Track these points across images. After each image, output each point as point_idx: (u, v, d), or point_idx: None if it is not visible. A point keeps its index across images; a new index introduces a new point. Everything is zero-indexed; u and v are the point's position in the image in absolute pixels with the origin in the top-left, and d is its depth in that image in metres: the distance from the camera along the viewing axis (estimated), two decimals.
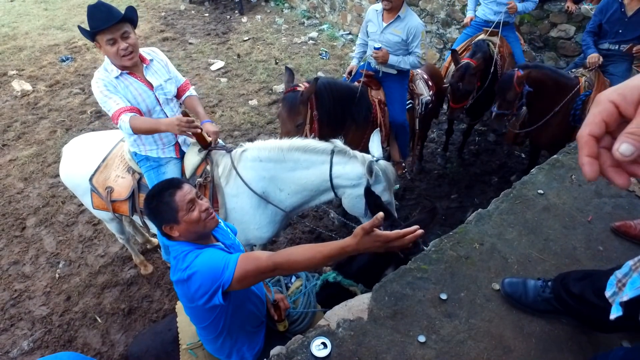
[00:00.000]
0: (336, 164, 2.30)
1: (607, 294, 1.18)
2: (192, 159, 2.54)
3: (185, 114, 2.28)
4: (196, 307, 1.56)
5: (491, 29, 4.06)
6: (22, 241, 3.77)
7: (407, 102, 3.57)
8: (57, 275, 3.46)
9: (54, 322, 3.11)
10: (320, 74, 6.20)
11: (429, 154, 4.79)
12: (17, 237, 3.81)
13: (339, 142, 2.35)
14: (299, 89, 2.87)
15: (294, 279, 2.10)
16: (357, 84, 3.39)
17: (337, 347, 1.58)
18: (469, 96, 3.75)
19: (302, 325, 1.91)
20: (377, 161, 2.30)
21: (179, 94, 2.57)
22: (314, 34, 7.50)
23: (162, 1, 9.22)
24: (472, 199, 4.11)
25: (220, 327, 1.67)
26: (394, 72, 3.39)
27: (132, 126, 2.17)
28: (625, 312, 1.11)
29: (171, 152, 2.54)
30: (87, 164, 2.71)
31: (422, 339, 1.61)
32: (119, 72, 2.22)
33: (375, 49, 3.19)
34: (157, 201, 1.51)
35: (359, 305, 1.75)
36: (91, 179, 2.67)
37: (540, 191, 2.30)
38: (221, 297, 1.44)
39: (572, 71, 3.66)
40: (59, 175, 2.94)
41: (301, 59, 6.70)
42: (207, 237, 1.63)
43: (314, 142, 2.36)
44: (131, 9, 2.16)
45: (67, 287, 3.36)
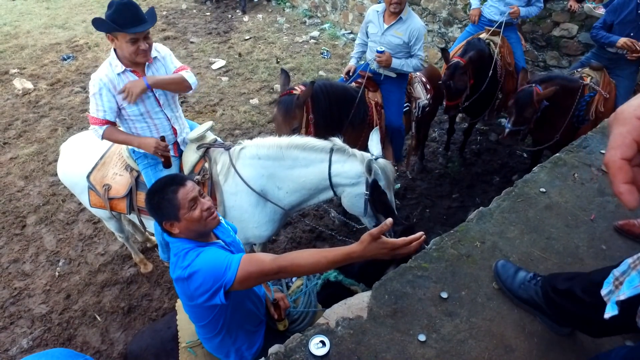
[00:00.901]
0: (335, 162, 2.28)
1: (603, 292, 1.14)
2: (191, 156, 2.52)
3: (162, 138, 2.36)
4: (196, 305, 1.55)
5: (493, 29, 4.03)
6: (22, 239, 3.77)
7: (404, 105, 3.53)
8: (57, 273, 3.46)
9: (53, 321, 3.10)
10: (321, 73, 6.19)
11: (430, 153, 4.77)
12: (17, 235, 3.80)
13: (338, 141, 2.32)
14: (294, 92, 2.81)
15: (294, 278, 2.08)
16: (355, 84, 3.36)
17: (336, 346, 1.56)
18: (461, 94, 3.74)
19: (302, 324, 1.90)
20: (376, 160, 2.27)
21: None
22: (315, 33, 7.49)
23: (164, 0, 9.22)
24: (474, 199, 4.08)
25: (219, 326, 1.66)
26: (394, 75, 3.36)
27: (106, 138, 2.31)
28: (620, 312, 1.08)
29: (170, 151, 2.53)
30: (85, 162, 2.70)
31: (422, 337, 1.59)
32: (123, 68, 2.21)
33: (378, 52, 3.14)
34: (159, 197, 1.49)
35: (358, 303, 1.73)
36: (89, 177, 2.66)
37: (542, 189, 2.27)
38: (223, 296, 1.43)
39: (578, 71, 3.59)
40: None
41: (302, 58, 6.68)
42: (207, 235, 1.61)
43: (313, 140, 2.33)
44: (153, 12, 2.19)
45: (66, 285, 3.36)
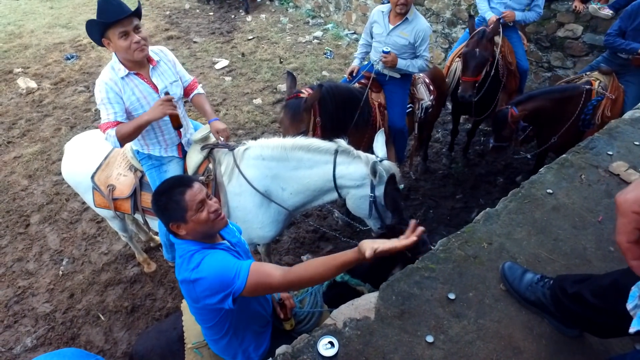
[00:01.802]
0: (340, 164, 2.27)
1: (629, 306, 1.14)
2: (195, 157, 2.52)
3: (166, 93, 2.23)
4: (202, 307, 1.54)
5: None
6: (26, 238, 3.77)
7: (407, 107, 3.50)
8: (61, 272, 3.46)
9: (57, 320, 3.10)
10: (324, 73, 6.18)
11: (434, 154, 4.76)
12: (21, 234, 3.81)
13: (342, 142, 2.31)
14: (302, 95, 2.79)
15: None
16: (358, 85, 3.34)
17: (343, 347, 1.55)
18: (483, 67, 3.55)
19: (308, 325, 1.89)
20: (381, 162, 2.26)
21: (187, 93, 2.56)
22: (318, 33, 7.48)
23: (167, 0, 9.23)
24: (477, 200, 4.07)
25: (225, 328, 1.65)
26: (398, 75, 3.35)
27: (120, 137, 2.16)
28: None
29: (174, 152, 2.52)
30: (89, 162, 2.70)
31: (430, 339, 1.58)
32: (126, 71, 2.18)
33: (384, 52, 3.13)
34: (167, 198, 1.48)
35: (365, 304, 1.73)
36: (93, 177, 2.66)
37: (549, 191, 2.26)
38: (232, 303, 1.44)
39: (587, 74, 3.57)
40: None
41: (306, 58, 6.68)
42: (213, 236, 1.61)
43: (317, 142, 2.32)
44: (139, 7, 2.16)
45: (70, 284, 3.36)
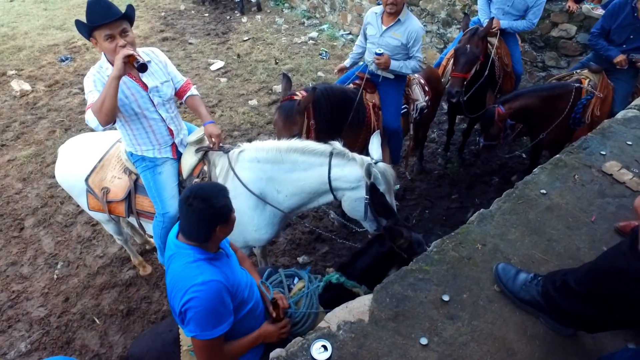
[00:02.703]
0: (335, 166, 2.27)
1: None
2: (189, 159, 2.51)
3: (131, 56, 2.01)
4: None
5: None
6: (21, 242, 3.75)
7: (402, 107, 3.51)
8: (56, 276, 3.44)
9: (52, 324, 3.08)
10: (320, 74, 6.18)
11: (429, 154, 4.77)
12: (15, 238, 3.78)
13: (337, 144, 2.31)
14: (296, 97, 2.79)
15: (296, 280, 2.07)
16: (353, 86, 3.35)
17: (337, 350, 1.55)
18: (473, 65, 3.61)
19: (304, 327, 1.88)
20: (376, 163, 2.26)
21: (180, 94, 2.54)
22: (314, 34, 7.48)
23: (162, 1, 9.21)
24: (473, 200, 4.08)
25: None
26: (392, 76, 3.35)
27: (96, 110, 2.04)
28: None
29: (168, 153, 2.50)
30: (83, 165, 2.68)
31: (424, 341, 1.59)
32: None
33: (376, 54, 3.13)
34: (225, 199, 1.54)
35: (359, 306, 1.73)
36: (87, 180, 2.64)
37: (543, 191, 2.27)
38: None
39: (577, 72, 3.59)
40: None
41: (301, 59, 6.68)
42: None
43: (312, 144, 2.32)
44: (131, 8, 2.12)
45: (65, 288, 3.34)
